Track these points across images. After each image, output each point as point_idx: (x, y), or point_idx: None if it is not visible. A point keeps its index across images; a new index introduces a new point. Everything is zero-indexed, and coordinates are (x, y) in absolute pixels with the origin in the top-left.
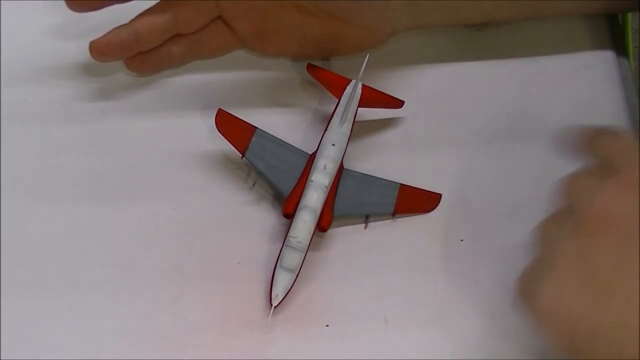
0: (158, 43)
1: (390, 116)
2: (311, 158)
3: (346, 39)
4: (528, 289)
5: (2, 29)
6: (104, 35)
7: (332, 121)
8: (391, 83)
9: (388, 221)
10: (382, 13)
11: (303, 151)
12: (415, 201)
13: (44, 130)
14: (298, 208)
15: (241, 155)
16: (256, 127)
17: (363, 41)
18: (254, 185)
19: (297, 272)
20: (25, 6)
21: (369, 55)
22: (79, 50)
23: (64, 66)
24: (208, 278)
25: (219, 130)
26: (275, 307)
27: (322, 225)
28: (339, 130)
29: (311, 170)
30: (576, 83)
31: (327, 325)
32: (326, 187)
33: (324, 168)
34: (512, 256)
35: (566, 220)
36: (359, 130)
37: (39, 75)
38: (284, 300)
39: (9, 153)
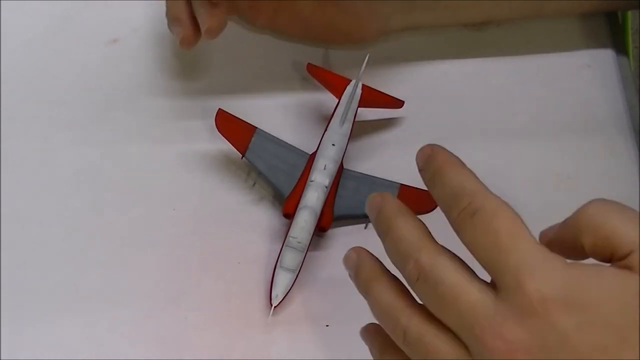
0: None
1: (390, 116)
2: (311, 158)
3: (336, 26)
4: None
5: (2, 29)
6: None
7: (332, 121)
8: (391, 83)
9: None
10: (376, 6)
11: (303, 151)
12: (415, 201)
13: (43, 130)
14: (298, 208)
15: (241, 155)
16: (256, 127)
17: (352, 32)
18: (254, 185)
19: (297, 272)
20: (25, 6)
21: (369, 55)
22: (79, 50)
23: (63, 66)
24: (208, 278)
25: (219, 130)
26: (275, 307)
27: (322, 225)
28: (339, 130)
29: (311, 170)
30: (576, 83)
31: (327, 325)
32: (326, 187)
33: (324, 168)
34: None
35: None
36: (359, 130)
37: (39, 75)
38: (284, 300)
39: (9, 152)
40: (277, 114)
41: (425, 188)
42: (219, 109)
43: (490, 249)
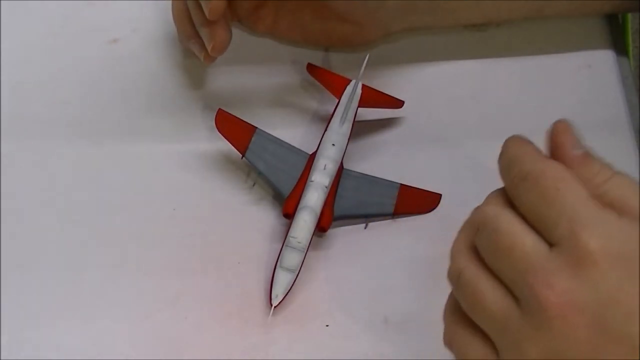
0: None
1: (390, 116)
2: (311, 158)
3: (336, 32)
4: None
5: (2, 29)
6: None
7: (332, 121)
8: (391, 83)
9: (388, 221)
10: (375, 12)
11: (303, 151)
12: (415, 201)
13: (43, 130)
14: (298, 208)
15: (241, 155)
16: (256, 127)
17: (352, 36)
18: (254, 185)
19: (297, 272)
20: (25, 6)
21: (369, 55)
22: (79, 50)
23: (64, 66)
24: (208, 278)
25: (219, 130)
26: (275, 307)
27: (322, 225)
28: (339, 130)
29: (311, 170)
30: (576, 83)
31: (327, 325)
32: (326, 187)
33: (324, 168)
34: None
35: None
36: (359, 130)
37: (39, 75)
38: (284, 300)
39: (9, 152)
40: (277, 114)
41: (425, 188)
42: (219, 109)
43: (542, 205)
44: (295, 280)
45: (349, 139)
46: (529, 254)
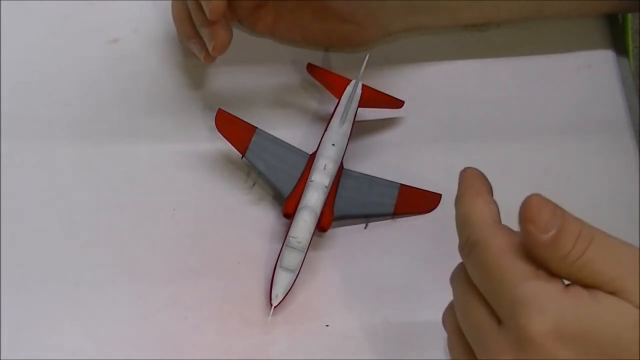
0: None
1: (390, 116)
2: (311, 158)
3: (336, 32)
4: None
5: (2, 29)
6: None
7: (332, 121)
8: (391, 83)
9: (388, 221)
10: (375, 12)
11: (303, 151)
12: (415, 201)
13: (43, 130)
14: (298, 208)
15: (241, 155)
16: (256, 127)
17: (352, 37)
18: (254, 185)
19: (297, 272)
20: (25, 6)
21: (369, 55)
22: (79, 50)
23: (64, 66)
24: (208, 278)
25: (219, 130)
26: (275, 307)
27: (322, 225)
28: (339, 130)
29: (311, 170)
30: (576, 83)
31: (327, 325)
32: (326, 187)
33: (324, 168)
34: None
35: None
36: (359, 130)
37: (39, 75)
38: (284, 300)
39: (9, 152)
40: (277, 114)
41: (425, 188)
42: (219, 109)
43: (486, 282)
44: (295, 280)
45: (349, 139)
46: (480, 326)
